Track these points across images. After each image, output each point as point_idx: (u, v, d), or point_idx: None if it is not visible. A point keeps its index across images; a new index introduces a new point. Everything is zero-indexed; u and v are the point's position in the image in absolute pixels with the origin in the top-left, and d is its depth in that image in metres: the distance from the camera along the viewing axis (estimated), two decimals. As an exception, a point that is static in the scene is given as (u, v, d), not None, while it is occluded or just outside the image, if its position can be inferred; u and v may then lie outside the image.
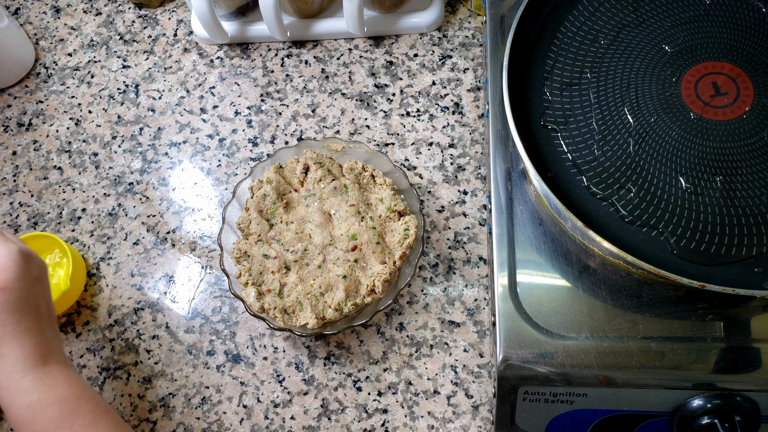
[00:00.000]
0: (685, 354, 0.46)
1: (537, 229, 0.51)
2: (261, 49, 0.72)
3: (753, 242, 0.46)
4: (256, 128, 0.69)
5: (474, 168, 0.65)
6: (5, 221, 0.67)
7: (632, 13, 0.54)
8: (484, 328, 0.59)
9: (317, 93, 0.70)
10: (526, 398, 0.48)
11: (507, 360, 0.46)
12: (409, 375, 0.58)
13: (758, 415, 0.45)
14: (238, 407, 0.58)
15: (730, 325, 0.47)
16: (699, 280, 0.42)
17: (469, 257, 0.61)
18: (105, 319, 0.62)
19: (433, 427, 0.56)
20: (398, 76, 0.69)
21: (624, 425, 0.49)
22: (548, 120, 0.51)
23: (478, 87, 0.68)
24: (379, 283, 0.55)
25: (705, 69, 0.51)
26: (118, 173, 0.68)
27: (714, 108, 0.49)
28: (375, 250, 0.56)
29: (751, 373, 0.45)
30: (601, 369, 0.46)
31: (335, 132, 0.68)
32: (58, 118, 0.71)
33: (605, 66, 0.52)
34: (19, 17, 0.77)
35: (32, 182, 0.69)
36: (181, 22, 0.75)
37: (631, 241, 0.46)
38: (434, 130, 0.67)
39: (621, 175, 0.48)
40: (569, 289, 0.49)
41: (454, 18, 0.72)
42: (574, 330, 0.47)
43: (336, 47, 0.72)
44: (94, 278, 0.64)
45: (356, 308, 0.55)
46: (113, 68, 0.73)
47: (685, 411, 0.46)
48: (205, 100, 0.71)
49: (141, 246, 0.65)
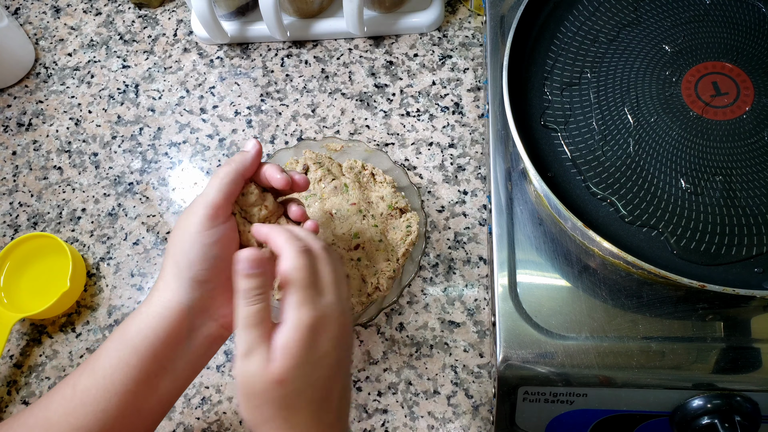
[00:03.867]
0: (685, 354, 0.46)
1: (537, 229, 0.51)
2: (261, 49, 0.72)
3: (753, 242, 0.46)
4: (256, 128, 0.69)
5: (474, 168, 0.65)
6: (5, 221, 0.67)
7: (632, 13, 0.54)
8: (484, 328, 0.59)
9: (317, 93, 0.70)
10: (526, 398, 0.48)
11: (507, 360, 0.46)
12: (409, 375, 0.58)
13: (758, 415, 0.45)
14: (238, 407, 0.58)
15: (730, 325, 0.47)
16: (699, 280, 0.42)
17: (469, 257, 0.61)
18: (105, 319, 0.62)
19: (433, 427, 0.56)
20: (398, 76, 0.69)
21: (624, 425, 0.49)
22: (548, 120, 0.51)
23: (478, 87, 0.68)
24: (384, 281, 0.55)
25: (705, 69, 0.51)
26: (118, 173, 0.68)
27: (714, 108, 0.49)
28: (378, 248, 0.56)
29: (751, 373, 0.45)
30: (601, 369, 0.46)
31: (335, 132, 0.68)
32: (58, 118, 0.71)
33: (605, 66, 0.52)
34: (19, 17, 0.77)
35: (32, 182, 0.69)
36: (181, 22, 0.75)
37: (631, 241, 0.46)
38: (434, 130, 0.67)
39: (621, 175, 0.48)
40: (569, 289, 0.49)
41: (454, 18, 0.72)
42: (574, 330, 0.47)
43: (336, 47, 0.72)
44: (94, 278, 0.64)
45: (363, 306, 0.55)
46: (113, 68, 0.73)
47: (685, 411, 0.46)
48: (205, 100, 0.71)
49: (141, 246, 0.65)
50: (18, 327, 0.63)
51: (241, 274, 0.39)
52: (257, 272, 0.39)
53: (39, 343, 0.62)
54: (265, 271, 0.40)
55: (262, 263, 0.40)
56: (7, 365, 0.61)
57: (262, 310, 0.39)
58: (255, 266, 0.39)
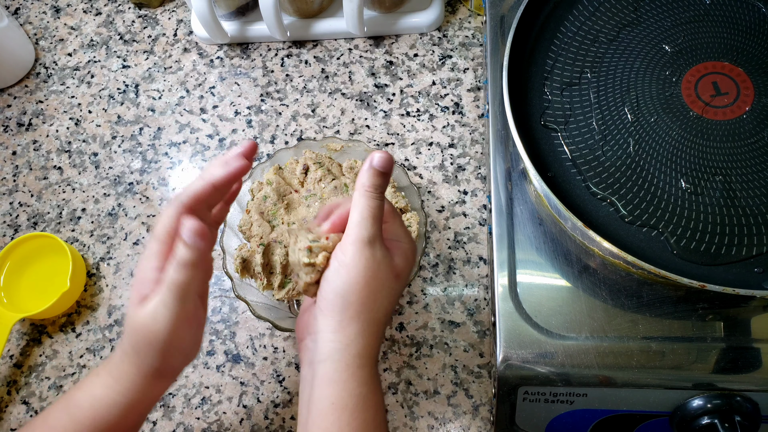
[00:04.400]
0: (685, 354, 0.46)
1: (537, 229, 0.51)
2: (261, 49, 0.72)
3: (753, 242, 0.46)
4: (256, 128, 0.69)
5: (474, 168, 0.65)
6: (5, 221, 0.67)
7: (632, 13, 0.54)
8: (484, 328, 0.59)
9: (317, 93, 0.70)
10: (526, 398, 0.48)
11: (507, 360, 0.46)
12: (409, 375, 0.58)
13: (758, 415, 0.45)
14: (238, 407, 0.58)
15: (730, 325, 0.47)
16: (699, 280, 0.42)
17: (469, 257, 0.61)
18: (105, 319, 0.62)
19: (433, 427, 0.56)
20: (398, 76, 0.69)
21: (624, 425, 0.49)
22: (548, 120, 0.51)
23: (478, 87, 0.68)
24: None
25: (705, 69, 0.51)
26: (118, 173, 0.68)
27: (714, 108, 0.49)
28: None
29: (751, 373, 0.45)
30: (601, 369, 0.46)
31: (335, 132, 0.68)
32: (58, 118, 0.71)
33: (605, 66, 0.52)
34: (19, 17, 0.77)
35: (32, 182, 0.69)
36: (181, 22, 0.75)
37: (631, 241, 0.46)
38: (434, 130, 0.67)
39: (621, 175, 0.48)
40: (569, 289, 0.49)
41: (454, 18, 0.72)
42: (574, 330, 0.47)
43: (336, 47, 0.72)
44: (94, 278, 0.64)
45: None
46: (113, 68, 0.73)
47: (685, 411, 0.46)
48: (205, 100, 0.71)
49: (141, 246, 0.65)
50: (18, 327, 0.63)
51: (363, 170, 0.42)
52: (387, 171, 0.43)
53: (39, 343, 0.62)
54: (389, 173, 0.43)
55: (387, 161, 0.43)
56: (7, 365, 0.61)
57: (381, 207, 0.42)
58: (381, 160, 0.43)
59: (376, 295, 0.41)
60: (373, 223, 0.41)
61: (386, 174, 0.43)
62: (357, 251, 0.41)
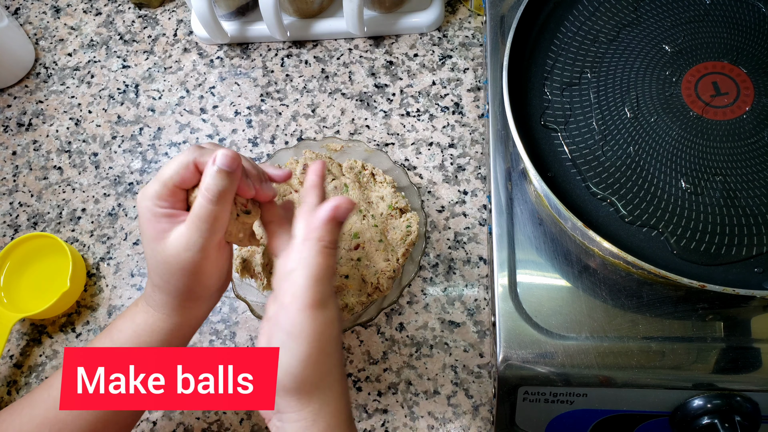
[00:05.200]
0: (685, 354, 0.46)
1: (537, 229, 0.51)
2: (261, 49, 0.72)
3: (753, 242, 0.46)
4: (256, 128, 0.69)
5: (474, 168, 0.65)
6: (5, 221, 0.67)
7: (632, 13, 0.54)
8: (484, 328, 0.59)
9: (317, 93, 0.70)
10: (526, 398, 0.48)
11: (507, 360, 0.46)
12: (409, 375, 0.58)
13: (758, 416, 0.45)
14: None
15: (730, 325, 0.47)
16: (699, 280, 0.42)
17: (469, 257, 0.61)
18: (105, 319, 0.62)
19: (433, 427, 0.56)
20: (398, 76, 0.69)
21: (624, 425, 0.49)
22: (548, 120, 0.51)
23: (478, 87, 0.68)
24: (384, 281, 0.55)
25: (705, 69, 0.51)
26: (118, 173, 0.68)
27: (714, 108, 0.49)
28: (378, 248, 0.56)
29: (751, 373, 0.45)
30: (601, 369, 0.46)
31: (335, 132, 0.68)
32: (58, 118, 0.71)
33: (605, 66, 0.52)
34: (19, 17, 0.77)
35: (32, 182, 0.69)
36: (181, 22, 0.75)
37: (631, 241, 0.46)
38: (434, 130, 0.67)
39: (621, 175, 0.48)
40: (569, 289, 0.49)
41: (454, 18, 0.72)
42: (574, 330, 0.47)
43: (336, 47, 0.72)
44: (94, 278, 0.64)
45: (362, 306, 0.55)
46: (113, 68, 0.73)
47: (685, 411, 0.46)
48: (205, 100, 0.71)
49: (141, 246, 0.65)
50: (18, 327, 0.63)
51: (321, 221, 0.39)
52: (339, 223, 0.40)
53: (39, 343, 0.62)
54: (340, 225, 0.40)
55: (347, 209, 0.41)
56: (7, 365, 0.61)
57: (335, 262, 0.40)
58: (346, 211, 0.40)
59: (331, 356, 0.39)
60: (328, 282, 0.38)
61: (339, 221, 0.40)
62: (307, 319, 0.38)
